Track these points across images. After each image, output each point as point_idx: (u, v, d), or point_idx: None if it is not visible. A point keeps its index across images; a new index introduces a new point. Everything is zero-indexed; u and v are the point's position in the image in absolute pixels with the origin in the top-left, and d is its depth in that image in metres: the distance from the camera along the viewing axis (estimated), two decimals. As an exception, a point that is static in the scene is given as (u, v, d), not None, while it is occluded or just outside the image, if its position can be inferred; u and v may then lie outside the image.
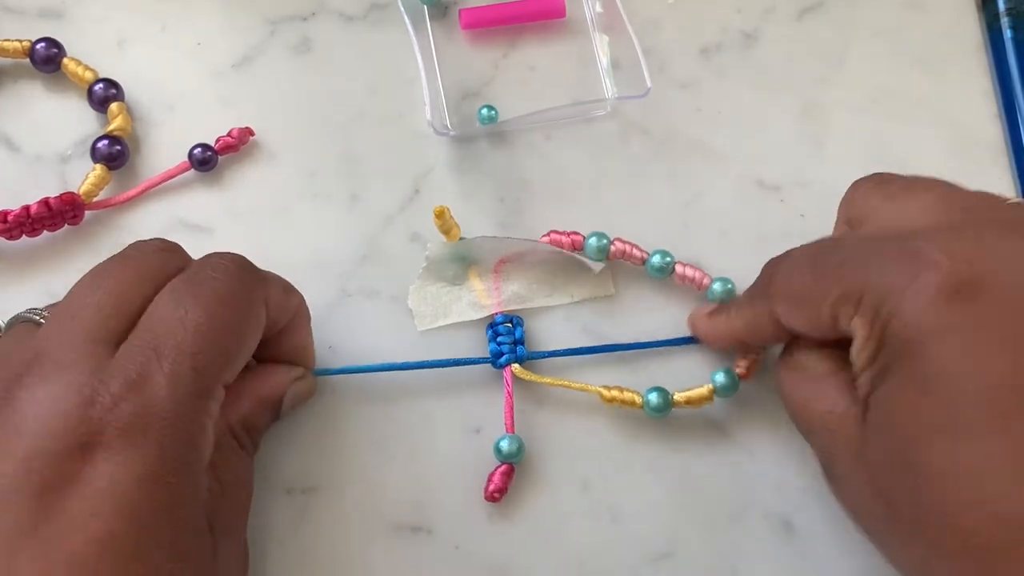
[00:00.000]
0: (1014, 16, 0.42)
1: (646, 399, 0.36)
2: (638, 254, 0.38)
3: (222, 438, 0.30)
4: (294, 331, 0.34)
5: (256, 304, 0.31)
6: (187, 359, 0.28)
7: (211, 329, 0.28)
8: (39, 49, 0.40)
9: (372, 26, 0.42)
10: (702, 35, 0.42)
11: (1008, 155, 0.41)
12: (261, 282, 0.31)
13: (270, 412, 0.34)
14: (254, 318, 0.30)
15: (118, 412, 0.26)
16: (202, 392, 0.28)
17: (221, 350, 0.29)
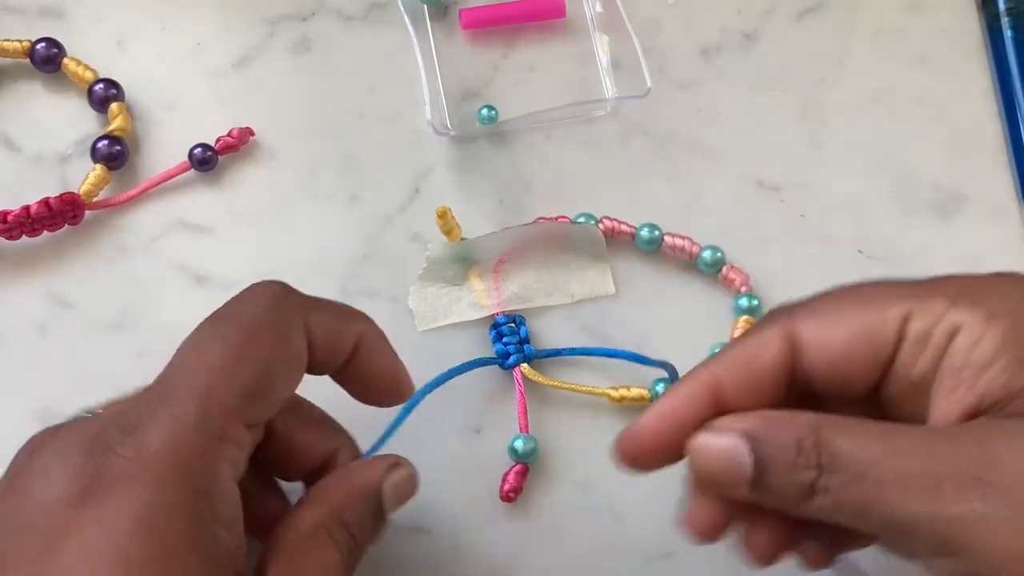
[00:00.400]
0: (1014, 16, 0.42)
1: (654, 391, 0.36)
2: (626, 229, 0.38)
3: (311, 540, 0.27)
4: (367, 359, 0.30)
5: (292, 334, 0.27)
6: (194, 400, 0.25)
7: (226, 366, 0.26)
8: (39, 49, 0.40)
9: (372, 26, 0.42)
10: (702, 35, 0.42)
11: (1008, 155, 0.41)
12: (300, 308, 0.28)
13: (369, 508, 0.28)
14: (288, 349, 0.27)
15: (113, 458, 0.24)
16: (211, 432, 0.25)
17: (240, 387, 0.26)
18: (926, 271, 0.39)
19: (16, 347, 0.37)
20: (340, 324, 0.29)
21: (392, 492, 0.29)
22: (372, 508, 0.28)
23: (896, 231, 0.40)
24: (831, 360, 0.25)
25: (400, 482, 0.29)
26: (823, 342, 0.25)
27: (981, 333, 0.24)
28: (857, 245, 0.40)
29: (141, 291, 0.38)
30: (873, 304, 0.25)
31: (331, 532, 0.27)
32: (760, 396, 0.25)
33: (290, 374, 0.27)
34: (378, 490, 0.29)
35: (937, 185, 0.41)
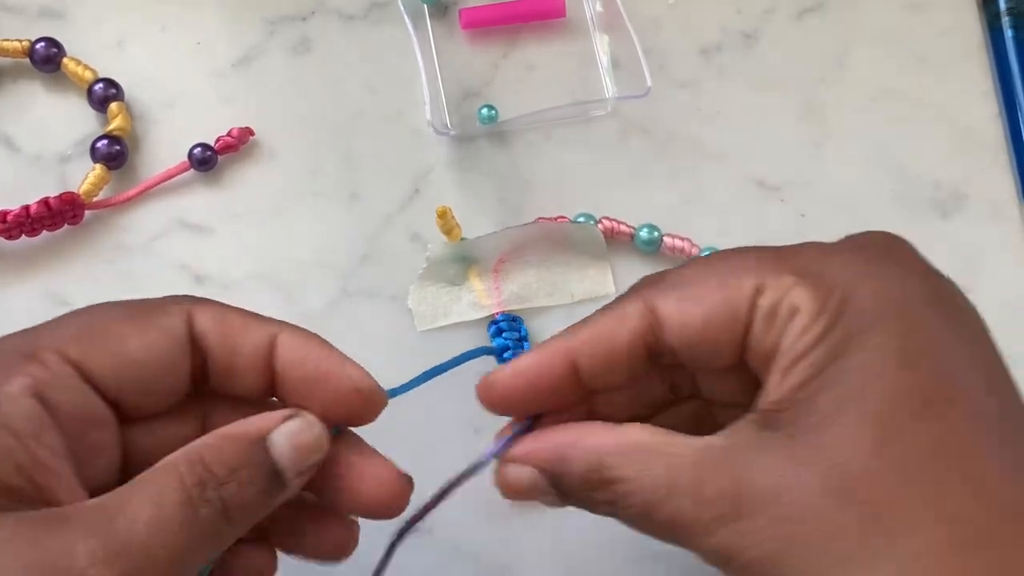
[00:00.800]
0: (1015, 16, 0.42)
1: None
2: (626, 230, 0.38)
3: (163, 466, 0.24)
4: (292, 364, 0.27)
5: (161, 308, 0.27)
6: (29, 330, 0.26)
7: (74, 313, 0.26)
8: (39, 49, 0.40)
9: (372, 26, 0.42)
10: (702, 35, 0.42)
11: (1009, 155, 0.41)
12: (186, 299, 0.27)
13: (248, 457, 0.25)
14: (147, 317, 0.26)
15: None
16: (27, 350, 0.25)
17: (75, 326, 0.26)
18: (926, 271, 0.39)
19: (16, 347, 0.37)
20: (241, 318, 0.27)
21: (287, 443, 0.25)
22: (255, 459, 0.25)
23: (896, 230, 0.40)
24: (690, 337, 0.26)
25: (297, 432, 0.26)
26: (681, 319, 0.26)
27: (811, 321, 0.24)
28: (857, 245, 0.40)
29: (141, 291, 0.37)
30: (730, 278, 0.25)
31: (179, 469, 0.24)
32: (617, 371, 0.26)
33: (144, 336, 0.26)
34: (262, 439, 0.25)
35: (937, 184, 0.41)
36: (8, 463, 0.23)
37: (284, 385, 0.27)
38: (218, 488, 0.24)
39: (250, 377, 0.27)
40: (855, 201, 0.40)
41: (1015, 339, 0.38)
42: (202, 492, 0.23)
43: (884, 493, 0.22)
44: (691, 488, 0.24)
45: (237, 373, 0.27)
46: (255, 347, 0.27)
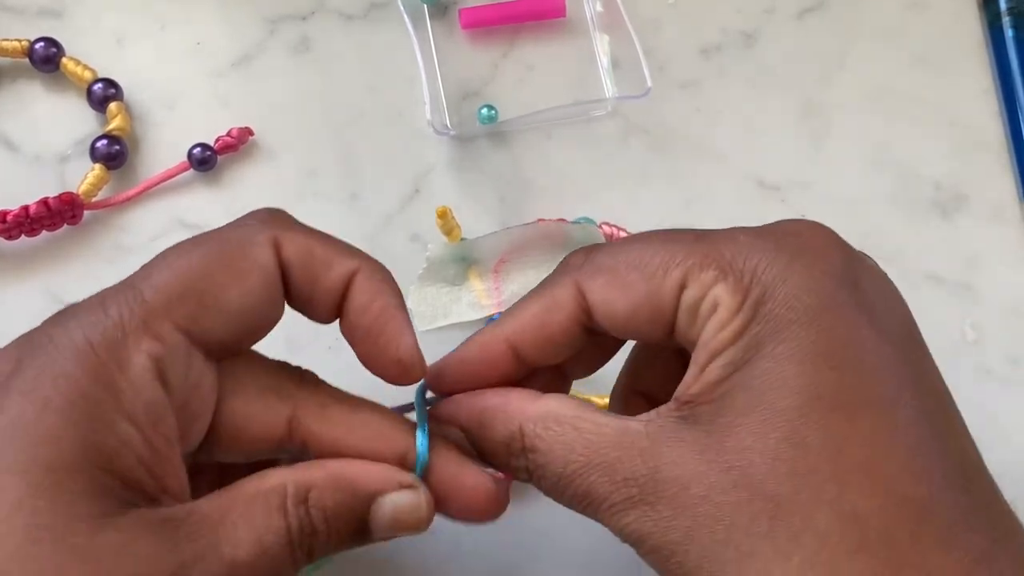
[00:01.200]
0: (1015, 15, 0.42)
1: None
2: (623, 236, 0.38)
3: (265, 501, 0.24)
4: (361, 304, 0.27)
5: (252, 245, 0.26)
6: (122, 293, 0.24)
7: (168, 265, 0.25)
8: (38, 49, 0.40)
9: (372, 26, 0.42)
10: (702, 35, 0.42)
11: (1009, 154, 0.41)
12: (274, 223, 0.27)
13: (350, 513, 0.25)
14: (243, 258, 0.26)
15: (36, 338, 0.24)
16: (138, 322, 0.24)
17: (175, 286, 0.25)
18: (926, 271, 0.39)
19: (15, 347, 0.37)
20: (325, 250, 0.27)
21: (388, 515, 0.26)
22: (355, 516, 0.25)
23: (896, 231, 0.40)
24: (617, 323, 0.26)
25: (403, 508, 0.26)
26: (608, 307, 0.26)
27: (729, 317, 0.24)
28: (857, 245, 0.39)
29: (140, 291, 0.38)
30: (657, 270, 0.26)
31: (286, 504, 0.24)
32: (556, 352, 0.28)
33: (244, 283, 0.25)
34: (370, 502, 0.25)
35: (938, 184, 0.41)
36: (130, 456, 0.23)
37: (346, 321, 0.27)
38: (313, 535, 0.25)
39: (321, 308, 0.27)
40: (855, 201, 0.40)
41: (1015, 339, 0.38)
42: (301, 539, 0.24)
43: (786, 492, 0.23)
44: (606, 467, 0.24)
45: (311, 303, 0.27)
46: (333, 283, 0.27)
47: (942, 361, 0.30)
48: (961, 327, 0.38)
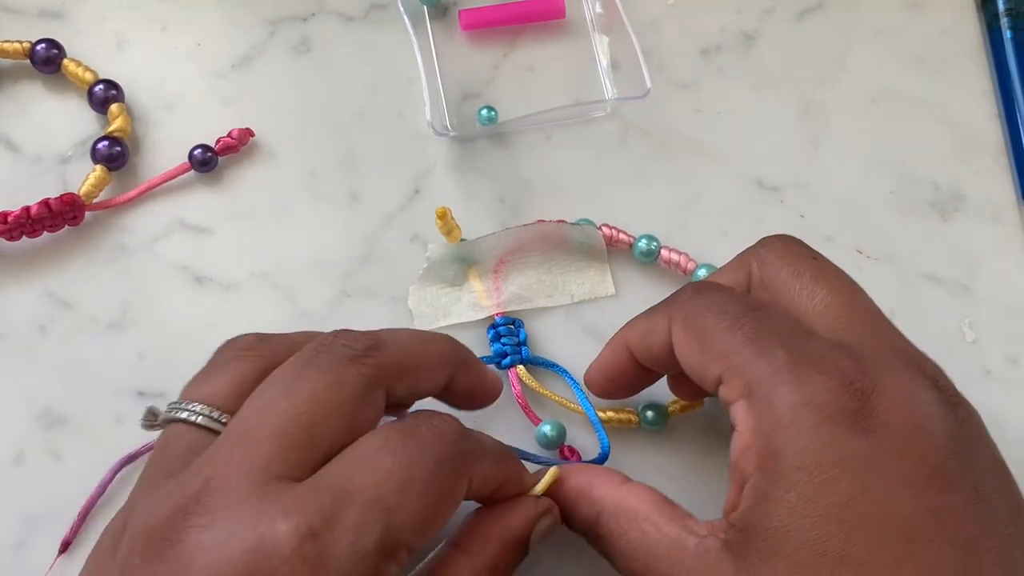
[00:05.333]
0: (1014, 16, 0.42)
1: (643, 416, 0.36)
2: (625, 238, 0.38)
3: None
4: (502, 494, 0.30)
5: (463, 477, 0.27)
6: (380, 513, 0.25)
7: (415, 489, 0.25)
8: (39, 50, 0.40)
9: (372, 26, 0.42)
10: (702, 35, 0.42)
11: (1008, 155, 0.41)
12: (473, 455, 0.28)
13: (520, 553, 0.30)
14: (458, 491, 0.27)
15: (289, 563, 0.23)
16: (387, 552, 0.25)
17: (419, 513, 0.25)
18: (925, 271, 0.39)
19: (16, 347, 0.37)
20: (495, 469, 0.29)
21: (537, 538, 0.30)
22: (521, 553, 0.30)
23: (896, 231, 0.40)
24: (683, 363, 0.30)
25: (545, 529, 0.30)
26: (679, 353, 0.30)
27: (748, 443, 0.27)
28: (857, 245, 0.40)
29: (141, 291, 0.38)
30: (705, 353, 0.28)
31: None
32: (663, 364, 0.31)
33: (452, 513, 0.27)
34: (528, 537, 0.30)
35: (937, 185, 0.41)
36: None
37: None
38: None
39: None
40: (855, 201, 0.40)
41: (1014, 339, 0.39)
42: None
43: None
44: (659, 574, 0.27)
45: None
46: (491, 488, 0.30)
47: (941, 361, 0.30)
48: (960, 327, 0.38)
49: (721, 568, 0.26)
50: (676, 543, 0.27)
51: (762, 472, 0.26)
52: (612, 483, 0.30)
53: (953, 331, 0.38)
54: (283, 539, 0.23)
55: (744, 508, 0.26)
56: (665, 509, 0.29)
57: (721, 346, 0.28)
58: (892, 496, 0.25)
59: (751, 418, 0.27)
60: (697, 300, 0.30)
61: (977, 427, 0.27)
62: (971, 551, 0.25)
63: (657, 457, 0.36)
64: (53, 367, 0.37)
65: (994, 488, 0.26)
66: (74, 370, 0.37)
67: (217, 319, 0.38)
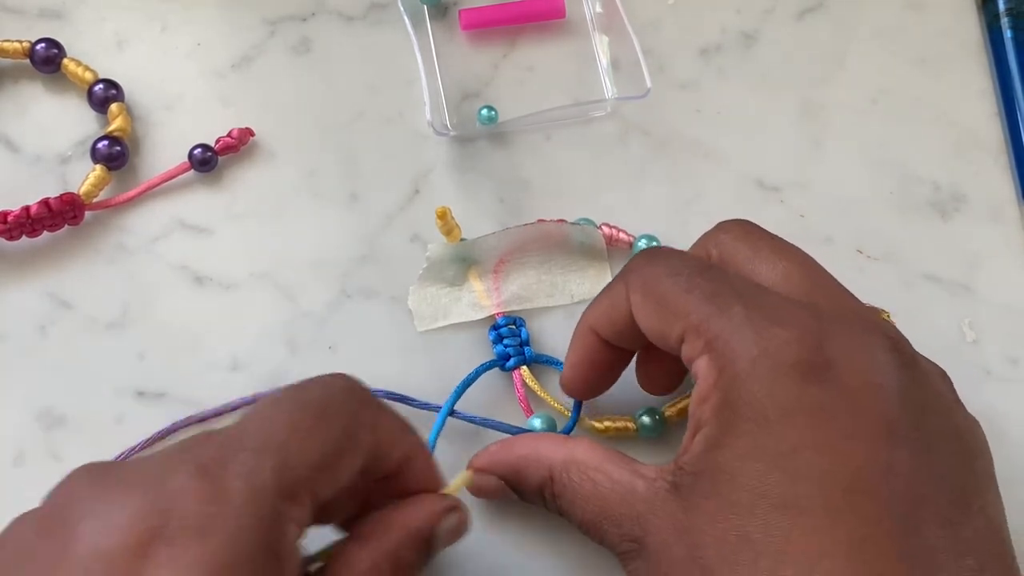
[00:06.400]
0: (1014, 16, 0.42)
1: (640, 423, 0.36)
2: (625, 238, 0.38)
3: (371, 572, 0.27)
4: (412, 474, 0.30)
5: (360, 425, 0.27)
6: (271, 455, 0.25)
7: (305, 433, 0.26)
8: (39, 50, 0.40)
9: (372, 26, 0.42)
10: (702, 35, 0.42)
11: (1008, 155, 0.41)
12: (371, 407, 0.28)
13: (422, 549, 0.29)
14: (356, 438, 0.27)
15: (185, 503, 0.23)
16: (285, 492, 0.25)
17: (312, 453, 0.26)
18: (925, 271, 0.39)
19: (16, 347, 0.37)
20: (399, 431, 0.29)
21: (444, 536, 0.30)
22: (424, 549, 0.29)
23: (896, 231, 0.40)
24: (648, 334, 0.30)
25: (453, 527, 0.30)
26: (640, 320, 0.30)
27: (706, 394, 0.27)
28: (857, 245, 0.40)
29: (141, 291, 0.38)
30: (667, 315, 0.29)
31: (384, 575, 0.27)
32: (630, 339, 0.31)
33: (354, 461, 0.27)
34: (432, 532, 0.29)
35: (937, 185, 0.41)
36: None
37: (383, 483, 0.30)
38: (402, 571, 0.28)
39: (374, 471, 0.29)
40: (855, 201, 0.40)
41: (1014, 339, 0.39)
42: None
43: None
44: (613, 521, 0.29)
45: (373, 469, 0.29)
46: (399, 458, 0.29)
47: (941, 361, 0.30)
48: (960, 327, 0.38)
49: (667, 508, 0.27)
50: (626, 489, 0.28)
51: (716, 420, 0.27)
52: (556, 442, 0.31)
53: (953, 331, 0.38)
54: (179, 479, 0.23)
55: (694, 452, 0.27)
56: (613, 457, 0.30)
57: (680, 306, 0.28)
58: (840, 447, 0.25)
59: (712, 371, 0.27)
60: (652, 265, 0.30)
61: (935, 390, 0.28)
62: (914, 508, 0.25)
63: (653, 443, 0.36)
64: (53, 367, 0.37)
65: (945, 452, 0.26)
66: (74, 370, 0.37)
67: (217, 319, 0.38)
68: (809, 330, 0.27)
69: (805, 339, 0.26)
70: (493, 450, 0.33)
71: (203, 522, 0.23)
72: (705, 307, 0.28)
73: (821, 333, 0.27)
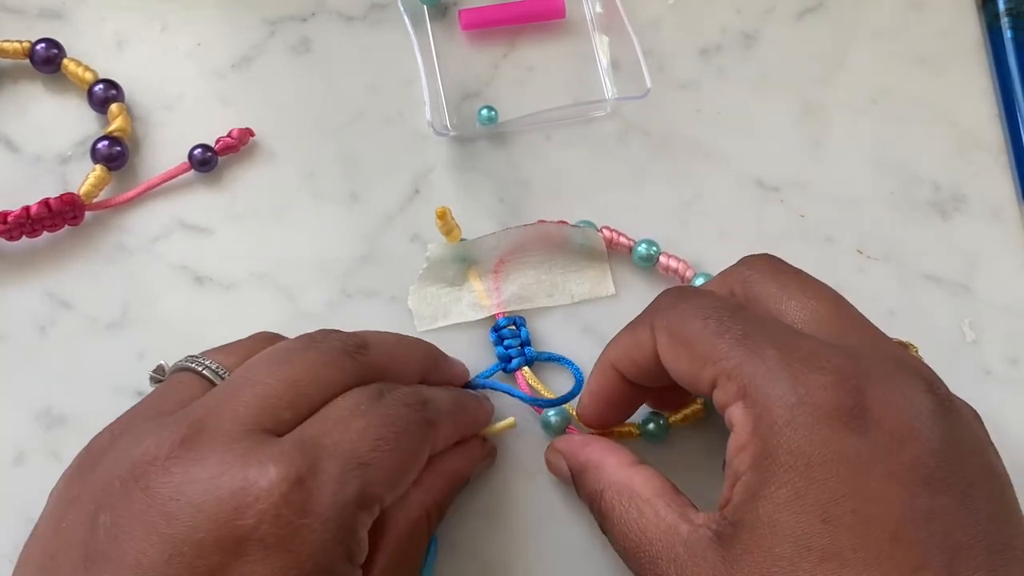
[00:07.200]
0: (1014, 16, 0.42)
1: (644, 429, 0.36)
2: (625, 242, 0.38)
3: (418, 524, 0.30)
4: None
5: (426, 443, 0.30)
6: (358, 467, 0.27)
7: (386, 447, 0.28)
8: (39, 50, 0.40)
9: (372, 26, 0.42)
10: (702, 35, 0.42)
11: (1008, 155, 0.41)
12: (435, 424, 0.31)
13: (461, 487, 0.34)
14: (422, 455, 0.30)
15: (276, 507, 0.25)
16: (364, 504, 0.27)
17: (390, 471, 0.28)
18: (926, 271, 0.39)
19: (16, 347, 0.37)
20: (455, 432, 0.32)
21: (476, 472, 0.34)
22: (461, 487, 0.34)
23: (896, 231, 0.40)
24: (676, 377, 0.30)
25: (482, 469, 0.35)
26: (667, 363, 0.30)
27: (744, 443, 0.27)
28: (857, 245, 0.40)
29: (141, 291, 0.38)
30: (697, 359, 0.28)
31: (431, 519, 0.31)
32: (650, 377, 0.31)
33: (414, 475, 0.30)
34: (469, 475, 0.34)
35: (937, 185, 0.41)
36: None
37: None
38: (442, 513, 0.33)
39: None
40: (855, 201, 0.40)
41: (1014, 339, 0.39)
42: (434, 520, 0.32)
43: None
44: (650, 559, 0.28)
45: None
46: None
47: (941, 361, 0.30)
48: (960, 327, 0.38)
49: (707, 557, 0.26)
50: (670, 529, 0.28)
51: (755, 471, 0.26)
52: (621, 463, 0.31)
53: (953, 331, 0.38)
54: (273, 483, 0.25)
55: (735, 503, 0.26)
56: (667, 495, 0.29)
57: (711, 351, 0.28)
58: (881, 496, 0.25)
59: (748, 419, 0.26)
60: (679, 307, 0.29)
61: (971, 432, 0.27)
62: (956, 556, 0.24)
63: (660, 468, 0.36)
64: (53, 367, 0.37)
65: (984, 494, 0.26)
66: (74, 370, 0.37)
67: (217, 319, 0.38)
68: (846, 375, 0.26)
69: (843, 384, 0.26)
70: (574, 440, 0.34)
71: (291, 531, 0.25)
72: (737, 351, 0.27)
73: (859, 377, 0.26)
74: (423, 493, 0.31)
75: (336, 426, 0.28)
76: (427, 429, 0.30)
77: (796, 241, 0.40)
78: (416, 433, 0.29)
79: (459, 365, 0.36)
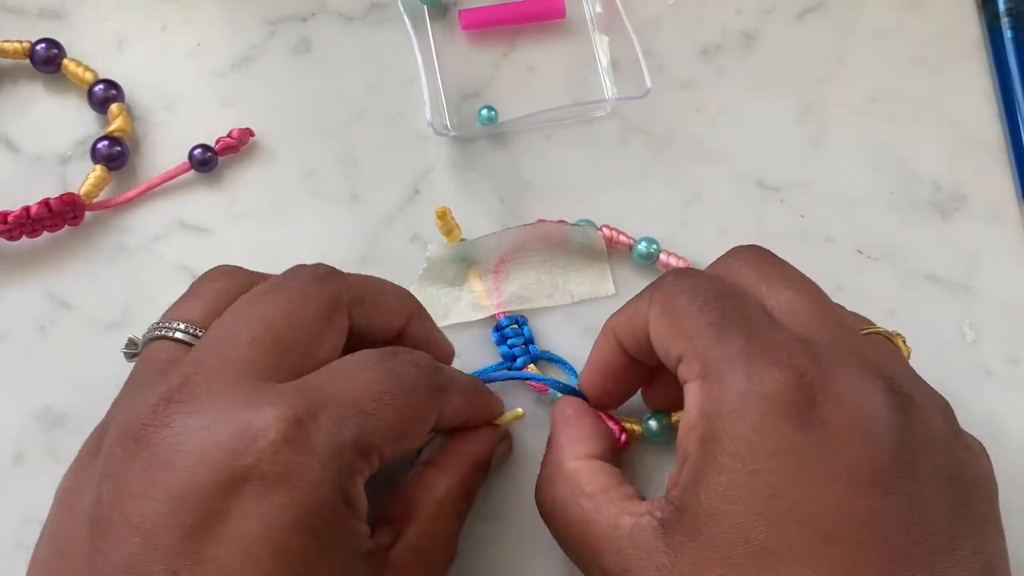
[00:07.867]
0: (1014, 16, 0.42)
1: (646, 426, 0.36)
2: (625, 240, 0.38)
3: (443, 504, 0.31)
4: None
5: (434, 406, 0.30)
6: (358, 415, 0.27)
7: (390, 401, 0.28)
8: (39, 50, 0.40)
9: (372, 26, 0.42)
10: (702, 35, 0.42)
11: (1008, 155, 0.41)
12: (444, 389, 0.30)
13: (483, 471, 0.34)
14: (427, 418, 0.30)
15: (274, 445, 0.25)
16: (362, 451, 0.27)
17: (392, 424, 0.28)
18: (925, 271, 0.39)
19: (16, 347, 0.37)
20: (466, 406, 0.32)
21: (497, 459, 0.34)
22: (484, 471, 0.34)
23: (896, 231, 0.40)
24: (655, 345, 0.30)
25: (504, 451, 0.35)
26: (653, 329, 0.30)
27: (694, 423, 0.27)
28: (857, 245, 0.40)
29: (141, 291, 0.38)
30: (674, 333, 0.29)
31: (456, 502, 0.32)
32: (642, 347, 0.31)
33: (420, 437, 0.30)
34: (489, 460, 0.34)
35: (937, 185, 0.41)
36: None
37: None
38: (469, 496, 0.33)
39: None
40: (855, 201, 0.40)
41: (1014, 339, 0.39)
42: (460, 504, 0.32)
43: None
44: (593, 551, 0.28)
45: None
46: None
47: (941, 361, 0.30)
48: (960, 327, 0.38)
49: (651, 547, 0.27)
50: (612, 525, 0.28)
51: (700, 453, 0.26)
52: (585, 444, 0.32)
53: (953, 331, 0.38)
54: (270, 423, 0.25)
55: (682, 484, 0.27)
56: (610, 490, 0.29)
57: (688, 327, 0.28)
58: (822, 495, 0.25)
59: (700, 399, 0.27)
60: (676, 284, 0.30)
61: (930, 430, 0.27)
62: (896, 558, 0.24)
63: (662, 473, 0.36)
64: (53, 367, 0.37)
65: (937, 494, 0.26)
66: (74, 370, 0.37)
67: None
68: (803, 371, 0.26)
69: (796, 380, 0.26)
70: (566, 407, 0.34)
71: (290, 469, 0.25)
72: (709, 333, 0.28)
73: (815, 374, 0.26)
74: (445, 473, 0.31)
75: (340, 375, 0.28)
76: (436, 393, 0.30)
77: (796, 241, 0.40)
78: (424, 395, 0.29)
79: (446, 342, 0.35)
